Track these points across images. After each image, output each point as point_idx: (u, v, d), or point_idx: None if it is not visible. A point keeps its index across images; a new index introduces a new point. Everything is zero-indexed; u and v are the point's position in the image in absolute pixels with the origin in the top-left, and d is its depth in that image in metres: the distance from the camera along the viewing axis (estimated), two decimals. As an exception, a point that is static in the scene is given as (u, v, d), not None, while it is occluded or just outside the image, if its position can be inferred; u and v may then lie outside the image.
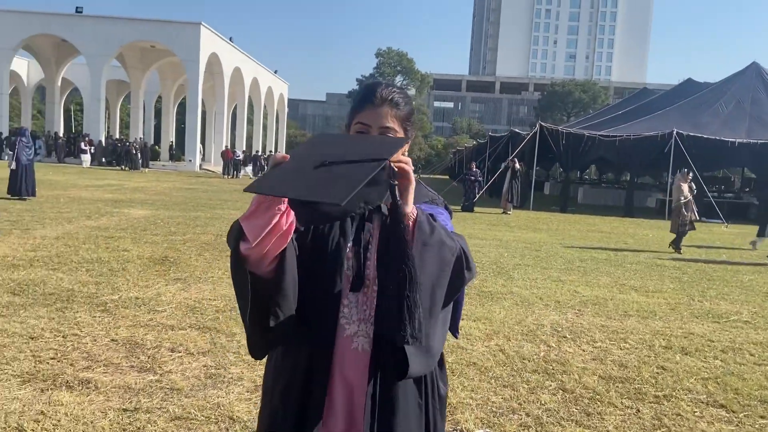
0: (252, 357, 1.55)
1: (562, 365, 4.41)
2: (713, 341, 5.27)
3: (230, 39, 40.85)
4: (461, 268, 1.55)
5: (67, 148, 36.30)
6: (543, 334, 5.21)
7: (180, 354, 4.09)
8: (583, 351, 4.80)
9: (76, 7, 35.60)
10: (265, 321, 1.49)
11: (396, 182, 1.41)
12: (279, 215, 1.39)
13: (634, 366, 4.48)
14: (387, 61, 66.92)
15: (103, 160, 34.33)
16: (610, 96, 77.02)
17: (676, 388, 4.06)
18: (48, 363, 3.78)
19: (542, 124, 22.05)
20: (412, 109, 1.67)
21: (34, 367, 3.71)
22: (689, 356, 4.81)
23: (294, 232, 1.47)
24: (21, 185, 12.88)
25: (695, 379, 4.26)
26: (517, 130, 26.31)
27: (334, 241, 1.59)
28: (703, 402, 3.86)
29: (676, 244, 11.41)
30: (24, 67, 46.07)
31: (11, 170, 12.97)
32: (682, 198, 11.46)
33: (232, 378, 3.75)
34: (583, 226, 16.00)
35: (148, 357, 4.00)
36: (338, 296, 1.58)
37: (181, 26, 35.31)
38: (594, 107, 62.20)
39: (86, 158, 32.22)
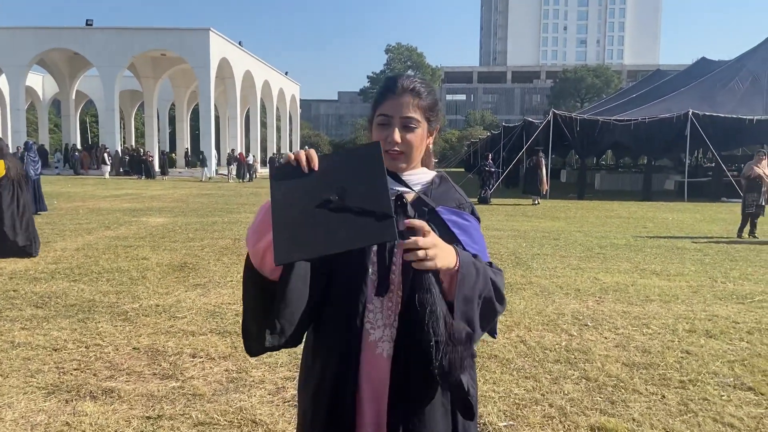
0: (246, 352, 1.56)
1: (584, 354, 4.37)
2: (738, 323, 5.19)
3: (239, 43, 41.03)
4: (494, 305, 1.53)
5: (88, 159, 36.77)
6: (564, 323, 5.16)
7: (201, 359, 4.12)
8: (605, 338, 4.75)
9: (87, 20, 35.98)
10: (263, 322, 1.49)
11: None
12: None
13: (658, 351, 4.42)
14: (397, 56, 66.85)
15: (121, 170, 34.72)
16: (624, 80, 76.16)
17: (701, 372, 4.00)
18: (72, 374, 3.83)
19: (555, 111, 21.86)
20: (436, 100, 1.63)
21: (58, 378, 3.76)
22: (714, 339, 4.73)
23: None
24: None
25: (721, 362, 4.19)
26: (530, 119, 26.09)
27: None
28: (730, 385, 3.80)
29: (751, 231, 10.95)
30: (39, 82, 46.74)
31: None
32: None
33: (253, 381, 3.76)
34: (601, 212, 15.84)
35: (170, 364, 4.03)
36: (363, 301, 1.58)
37: (191, 33, 35.52)
38: (607, 92, 61.57)
39: (106, 169, 32.60)
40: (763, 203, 11.07)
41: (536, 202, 18.10)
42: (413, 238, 1.32)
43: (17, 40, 34.84)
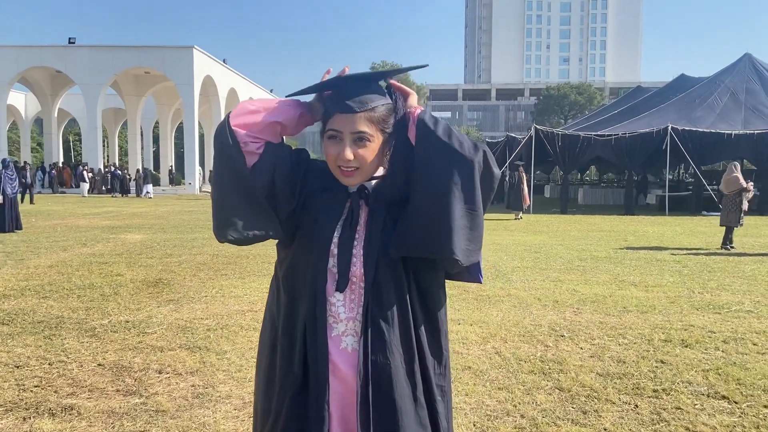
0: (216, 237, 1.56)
1: (559, 364, 4.32)
2: (714, 332, 5.17)
3: (224, 61, 41.05)
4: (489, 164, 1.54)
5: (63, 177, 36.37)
6: (540, 334, 5.12)
7: (168, 375, 4.02)
8: (581, 349, 4.71)
9: (69, 38, 35.84)
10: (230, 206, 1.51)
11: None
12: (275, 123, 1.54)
13: (633, 361, 4.38)
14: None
15: (103, 188, 34.40)
16: (606, 97, 77.09)
17: (675, 381, 3.96)
18: (31, 391, 3.71)
19: (537, 127, 22.02)
20: (390, 107, 1.55)
21: (18, 395, 3.64)
22: (689, 348, 4.71)
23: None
24: (7, 220, 12.67)
25: (695, 371, 4.16)
26: (513, 135, 26.28)
27: (320, 235, 1.54)
28: (703, 394, 3.76)
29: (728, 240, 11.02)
30: (21, 100, 46.35)
31: None
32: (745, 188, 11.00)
33: (220, 396, 3.67)
34: (583, 226, 15.90)
35: (135, 380, 3.92)
36: (324, 294, 1.53)
37: (174, 51, 35.47)
38: (590, 108, 62.22)
39: (85, 187, 32.25)
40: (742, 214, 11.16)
41: (519, 216, 18.14)
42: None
43: (-2, 59, 34.57)
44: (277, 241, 1.64)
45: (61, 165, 39.44)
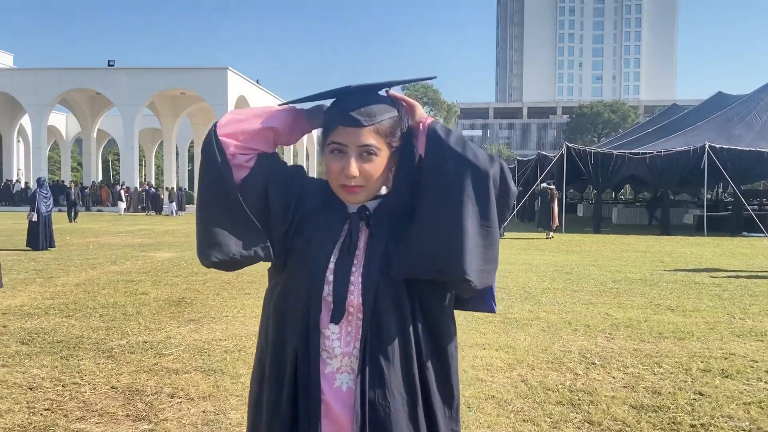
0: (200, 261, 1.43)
1: (589, 395, 4.08)
2: (756, 361, 4.86)
3: (257, 81, 41.71)
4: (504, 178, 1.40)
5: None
6: (570, 361, 4.88)
7: (180, 400, 3.90)
8: (613, 378, 4.46)
9: (108, 61, 36.87)
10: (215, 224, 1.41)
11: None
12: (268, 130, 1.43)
13: (669, 392, 4.12)
14: (412, 93, 67.37)
15: (139, 206, 35.02)
16: (640, 115, 75.87)
17: (714, 416, 3.69)
18: (41, 414, 3.63)
19: (569, 145, 21.66)
20: (396, 119, 1.42)
21: (27, 419, 3.57)
22: (730, 379, 4.41)
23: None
24: (41, 238, 12.93)
25: (736, 405, 3.88)
26: (544, 153, 25.90)
27: (315, 260, 1.40)
28: (744, 429, 3.49)
29: None
30: (63, 121, 47.77)
31: (31, 222, 13.04)
32: None
33: (230, 424, 3.54)
34: (617, 246, 15.47)
35: (146, 404, 3.82)
36: (317, 326, 1.39)
37: (209, 72, 36.18)
38: (624, 127, 61.26)
39: (122, 205, 32.88)
40: None
41: (550, 236, 17.77)
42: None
43: (40, 81, 35.75)
44: (269, 265, 1.51)
45: (99, 184, 40.33)
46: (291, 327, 1.40)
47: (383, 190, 1.47)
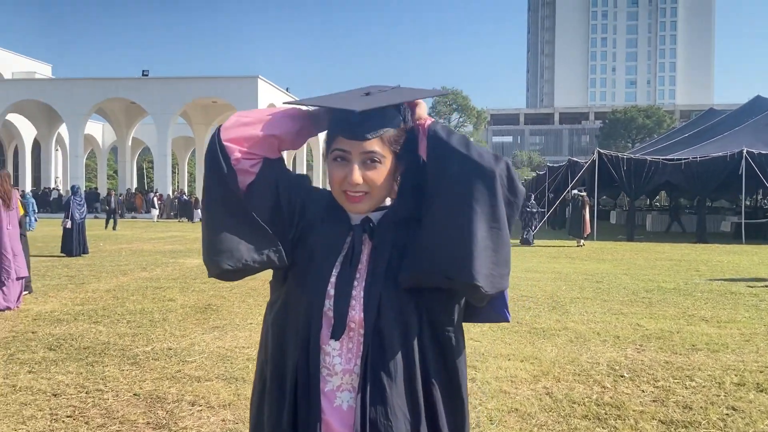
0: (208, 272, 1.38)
1: (616, 409, 3.95)
2: (795, 376, 4.66)
3: (287, 89, 42.11)
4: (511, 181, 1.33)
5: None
6: (598, 373, 4.75)
7: (200, 408, 3.90)
8: (642, 392, 4.32)
9: (143, 71, 37.64)
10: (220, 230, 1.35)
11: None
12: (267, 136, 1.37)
13: (701, 407, 3.96)
14: (442, 99, 67.25)
15: (171, 213, 35.62)
16: (676, 120, 74.37)
17: (749, 433, 3.54)
18: (63, 421, 3.66)
19: (600, 151, 21.31)
20: (402, 125, 1.37)
21: (49, 425, 3.60)
22: (765, 393, 4.23)
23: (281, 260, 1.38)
24: (74, 244, 13.21)
25: (773, 422, 3.71)
26: (575, 159, 25.55)
27: (316, 273, 1.36)
28: (782, 449, 3.33)
29: None
30: (99, 130, 48.91)
31: (65, 228, 13.34)
32: None
33: (249, 432, 3.51)
34: (650, 254, 15.13)
35: (167, 412, 3.82)
36: (317, 342, 1.34)
37: (240, 81, 36.68)
38: (659, 132, 60.13)
39: (155, 212, 33.48)
40: None
41: (581, 244, 17.47)
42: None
43: (77, 91, 36.67)
44: (271, 279, 1.48)
45: (133, 191, 41.13)
46: (291, 342, 1.36)
47: (387, 201, 1.42)
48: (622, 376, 4.67)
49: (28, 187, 40.65)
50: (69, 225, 13.20)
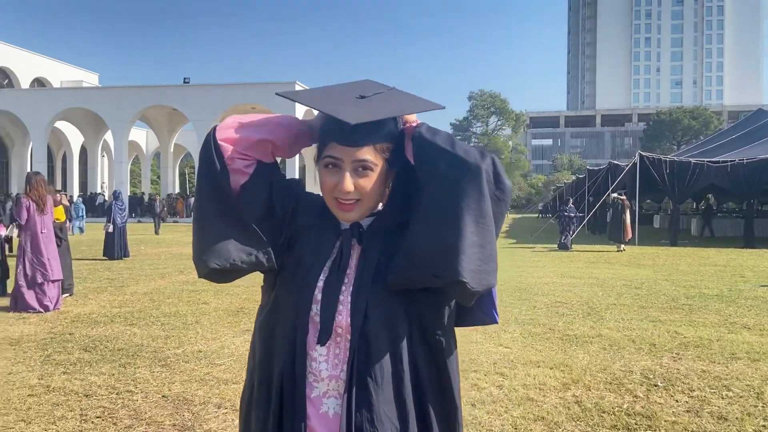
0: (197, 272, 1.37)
1: (647, 419, 3.83)
2: (841, 388, 4.45)
3: (324, 94, 42.41)
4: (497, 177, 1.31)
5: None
6: (630, 382, 4.62)
7: (225, 410, 3.94)
8: (676, 402, 4.18)
9: (184, 78, 38.49)
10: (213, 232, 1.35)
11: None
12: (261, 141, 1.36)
13: (736, 418, 3.82)
14: (480, 103, 66.85)
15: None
16: (724, 121, 72.16)
17: (787, 448, 3.38)
18: (92, 422, 3.75)
19: (642, 153, 20.80)
20: (395, 131, 1.36)
21: (78, 426, 3.68)
22: (808, 407, 4.05)
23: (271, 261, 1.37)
24: (116, 248, 13.56)
25: (814, 437, 3.55)
26: (616, 162, 25.00)
27: (304, 278, 1.35)
28: (822, 465, 3.18)
29: None
30: (143, 136, 50.20)
31: (107, 232, 13.71)
32: None
33: (271, 436, 3.53)
34: (694, 259, 14.69)
35: (193, 414, 3.87)
36: (304, 348, 1.34)
37: (277, 87, 37.09)
38: (706, 134, 58.43)
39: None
40: None
41: (621, 248, 17.07)
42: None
43: (122, 99, 37.72)
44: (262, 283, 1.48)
45: (175, 196, 42.04)
46: (278, 347, 1.35)
47: (379, 206, 1.41)
48: (655, 386, 4.53)
49: (76, 193, 41.94)
50: (111, 229, 13.56)
